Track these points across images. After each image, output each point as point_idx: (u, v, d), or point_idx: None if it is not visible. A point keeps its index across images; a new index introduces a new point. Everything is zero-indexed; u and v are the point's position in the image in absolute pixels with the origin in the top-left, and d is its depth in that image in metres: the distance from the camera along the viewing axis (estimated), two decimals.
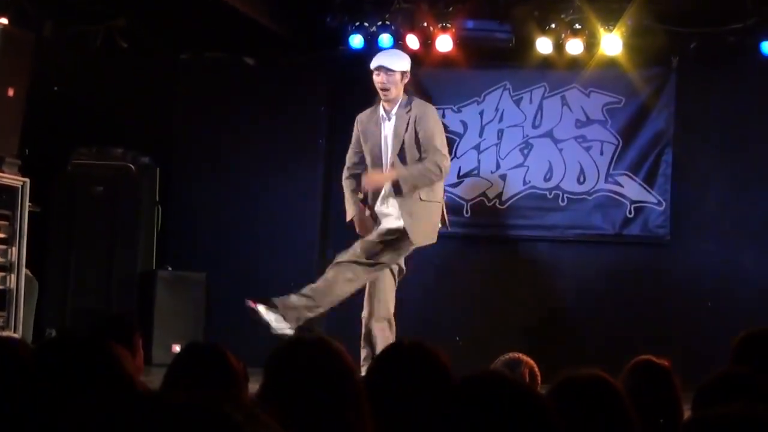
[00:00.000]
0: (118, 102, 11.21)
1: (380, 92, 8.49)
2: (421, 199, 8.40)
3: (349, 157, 8.79)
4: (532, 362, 5.45)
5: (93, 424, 1.37)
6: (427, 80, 11.25)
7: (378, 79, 8.43)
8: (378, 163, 8.52)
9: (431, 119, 8.50)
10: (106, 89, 11.23)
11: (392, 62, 8.47)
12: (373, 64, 8.50)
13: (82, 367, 3.04)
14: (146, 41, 11.25)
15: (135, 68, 11.30)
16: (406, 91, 8.57)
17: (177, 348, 9.83)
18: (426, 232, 8.46)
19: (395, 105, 8.50)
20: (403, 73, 8.47)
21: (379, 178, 8.41)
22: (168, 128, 11.73)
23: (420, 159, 8.37)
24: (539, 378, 5.40)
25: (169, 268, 11.13)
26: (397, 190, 8.33)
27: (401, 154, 8.39)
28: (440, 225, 8.60)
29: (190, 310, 10.96)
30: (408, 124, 8.37)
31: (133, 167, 11.14)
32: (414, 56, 11.10)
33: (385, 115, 8.50)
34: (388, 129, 8.48)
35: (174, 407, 1.39)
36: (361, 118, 8.71)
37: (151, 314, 10.74)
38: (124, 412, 1.38)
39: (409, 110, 8.44)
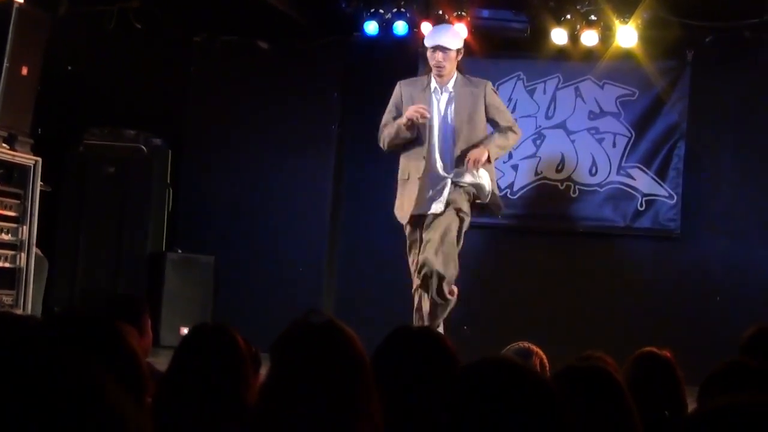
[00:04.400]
0: (131, 83, 11.21)
1: (435, 69, 8.58)
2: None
3: (386, 118, 8.81)
4: (542, 353, 5.44)
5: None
6: None
7: (434, 56, 8.57)
8: (426, 132, 8.58)
9: (496, 94, 8.89)
10: (120, 70, 11.23)
11: (450, 41, 8.60)
12: (429, 42, 8.66)
13: (86, 342, 3.03)
14: (160, 23, 11.24)
15: (148, 50, 11.30)
16: (458, 67, 8.72)
17: (185, 330, 9.84)
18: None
19: (449, 80, 8.66)
20: (458, 51, 8.65)
21: (482, 151, 8.48)
22: (180, 111, 11.73)
23: (498, 130, 8.72)
24: (548, 369, 5.39)
25: (179, 251, 11.14)
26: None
27: (470, 128, 8.53)
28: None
29: (199, 293, 10.98)
30: (476, 100, 8.53)
31: (145, 149, 11.15)
32: None
33: (439, 89, 8.63)
34: (443, 102, 8.58)
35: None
36: (406, 85, 8.82)
37: (160, 296, 10.76)
38: None
39: (471, 87, 8.65)
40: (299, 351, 2.98)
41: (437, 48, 8.57)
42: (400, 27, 10.89)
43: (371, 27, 10.95)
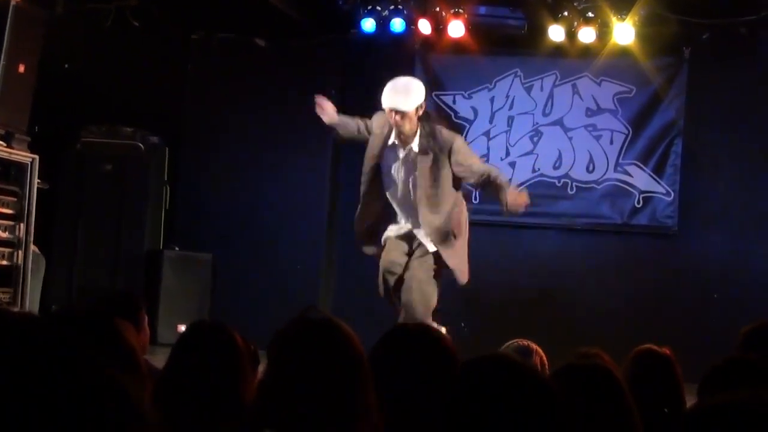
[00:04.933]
0: (128, 81, 11.21)
1: (394, 129, 8.06)
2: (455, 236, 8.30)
3: (359, 122, 8.49)
4: (541, 351, 5.43)
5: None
6: (438, 66, 11.26)
7: (392, 116, 7.93)
8: (390, 181, 8.26)
9: (463, 150, 8.19)
10: (117, 68, 11.23)
11: (405, 103, 7.96)
12: (385, 104, 7.99)
13: (83, 338, 3.03)
14: (157, 21, 11.23)
15: (146, 47, 11.29)
16: (420, 118, 8.09)
17: (182, 328, 9.82)
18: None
19: (412, 139, 8.11)
20: (417, 108, 8.01)
21: (519, 195, 8.09)
22: (178, 108, 11.72)
23: (481, 182, 8.16)
24: (548, 368, 5.38)
25: (176, 248, 11.13)
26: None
27: (432, 191, 8.14)
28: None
29: (196, 291, 10.97)
30: (439, 164, 7.99)
31: (142, 146, 11.14)
32: (425, 41, 11.11)
33: (399, 144, 8.15)
34: (403, 163, 8.17)
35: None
36: (377, 126, 8.29)
37: (157, 293, 10.75)
38: None
39: (435, 148, 8.07)
40: (297, 349, 2.98)
41: (393, 111, 7.96)
42: (398, 24, 10.89)
43: (368, 24, 10.95)
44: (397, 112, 7.94)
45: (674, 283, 10.80)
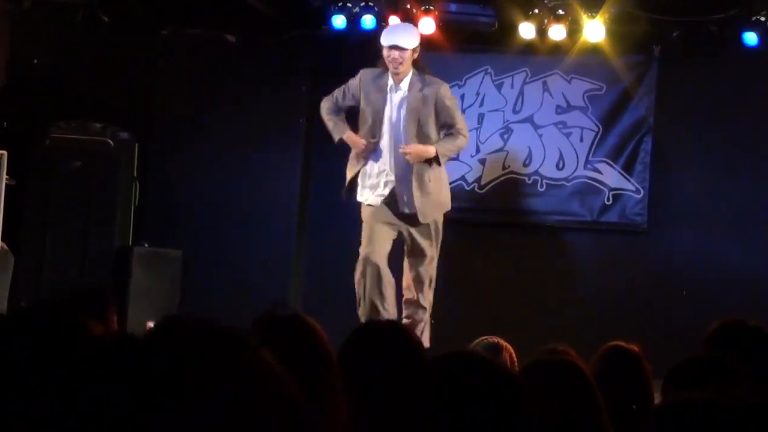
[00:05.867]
0: (98, 77, 11.14)
1: (391, 67, 8.57)
2: (429, 181, 8.61)
3: (340, 95, 8.87)
4: (511, 348, 5.45)
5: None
6: None
7: (390, 55, 8.55)
8: (377, 128, 8.62)
9: (450, 97, 8.86)
10: (87, 63, 11.17)
11: (405, 41, 8.60)
12: (384, 41, 8.60)
13: (50, 335, 3.01)
14: (128, 16, 11.18)
15: (115, 43, 11.23)
16: (414, 64, 8.71)
17: (151, 324, 9.80)
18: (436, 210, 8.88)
19: (405, 77, 8.66)
20: (414, 50, 8.64)
21: (424, 150, 8.53)
22: (148, 104, 11.67)
23: (448, 133, 8.76)
24: (517, 364, 5.40)
25: (146, 245, 11.08)
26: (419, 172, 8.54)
27: (419, 129, 8.54)
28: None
29: (166, 287, 10.92)
30: (426, 102, 8.52)
31: (111, 142, 11.08)
32: None
33: (393, 87, 8.62)
34: (396, 100, 8.63)
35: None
36: (366, 76, 8.87)
37: (127, 290, 10.68)
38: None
39: (423, 87, 8.63)
40: (265, 345, 2.97)
41: (393, 47, 8.58)
42: (368, 21, 10.87)
43: (339, 21, 10.93)
44: (397, 48, 8.51)
45: (643, 280, 10.83)
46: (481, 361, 2.24)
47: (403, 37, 8.66)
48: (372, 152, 8.73)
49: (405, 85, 8.61)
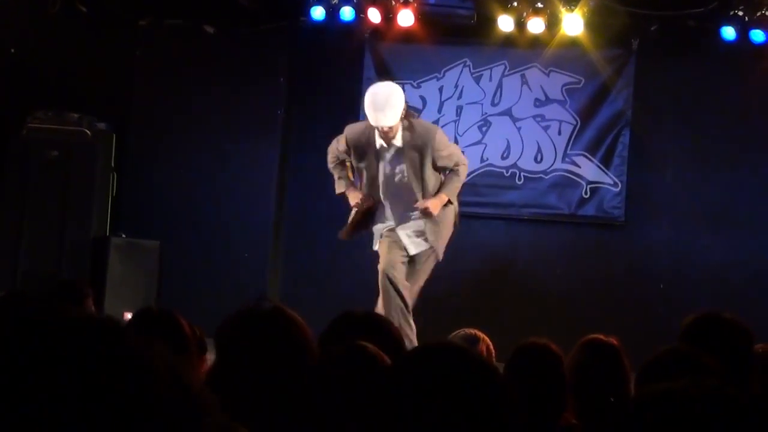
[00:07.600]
0: (76, 67, 11.11)
1: (381, 135, 8.18)
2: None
3: (338, 151, 8.55)
4: (488, 340, 5.46)
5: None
6: (388, 55, 11.25)
7: (380, 129, 8.11)
8: (374, 186, 8.40)
9: (445, 146, 8.41)
10: (65, 54, 11.13)
11: (391, 118, 8.08)
12: (372, 121, 8.12)
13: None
14: (105, 6, 11.15)
15: (94, 33, 11.20)
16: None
17: (128, 315, 9.78)
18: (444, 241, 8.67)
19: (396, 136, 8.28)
20: (401, 115, 8.19)
21: (440, 201, 8.31)
22: (125, 95, 11.64)
23: (450, 170, 8.45)
24: (494, 356, 5.42)
25: (123, 235, 11.06)
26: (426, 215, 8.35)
27: (418, 182, 8.30)
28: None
29: (143, 278, 10.90)
30: (421, 151, 8.14)
31: (89, 132, 11.05)
32: (375, 30, 11.10)
33: (385, 146, 8.27)
34: (388, 156, 8.21)
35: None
36: (352, 136, 8.40)
37: (104, 281, 10.67)
38: None
39: (414, 138, 8.23)
40: (246, 337, 2.97)
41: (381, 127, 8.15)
42: (347, 12, 10.87)
43: (318, 12, 10.92)
44: (386, 127, 8.11)
45: (621, 273, 10.87)
46: (457, 350, 2.25)
47: (390, 114, 8.08)
48: (372, 205, 8.49)
49: (398, 141, 8.26)
